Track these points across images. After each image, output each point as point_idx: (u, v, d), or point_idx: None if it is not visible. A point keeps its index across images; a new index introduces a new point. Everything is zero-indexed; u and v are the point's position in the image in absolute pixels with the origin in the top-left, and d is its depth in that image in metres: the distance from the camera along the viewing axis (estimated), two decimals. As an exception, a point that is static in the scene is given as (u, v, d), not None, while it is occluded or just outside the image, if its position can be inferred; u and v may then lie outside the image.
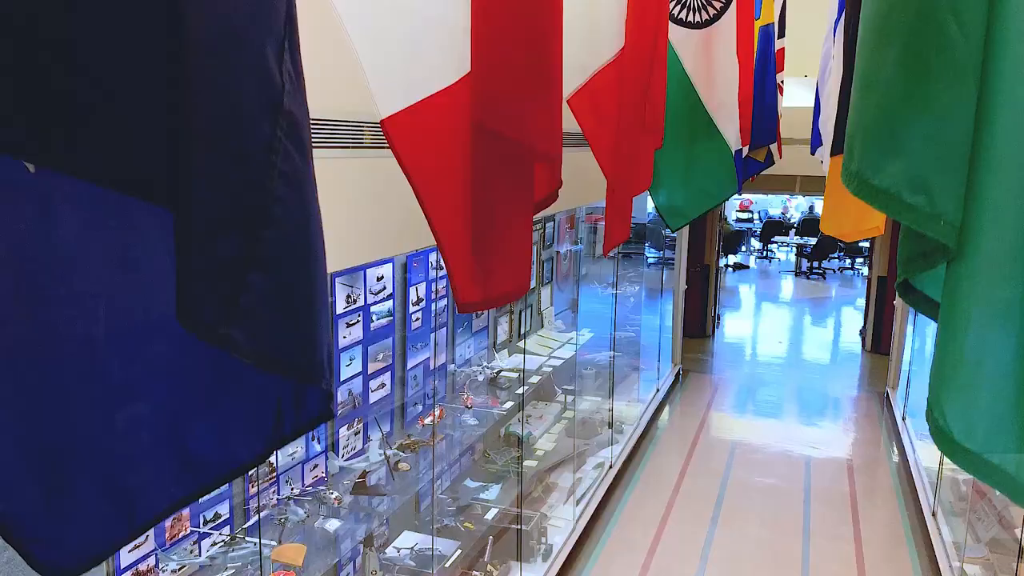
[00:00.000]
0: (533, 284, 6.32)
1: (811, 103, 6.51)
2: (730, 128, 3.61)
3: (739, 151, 5.59)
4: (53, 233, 0.57)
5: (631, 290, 8.36)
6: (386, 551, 4.12)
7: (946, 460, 5.97)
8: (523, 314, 6.17)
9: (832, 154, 2.79)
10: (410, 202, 1.76)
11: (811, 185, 10.49)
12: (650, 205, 10.08)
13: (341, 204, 2.45)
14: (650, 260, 9.76)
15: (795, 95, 8.89)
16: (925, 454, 6.60)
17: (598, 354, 7.32)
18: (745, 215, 20.23)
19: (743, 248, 18.09)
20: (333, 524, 3.25)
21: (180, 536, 2.82)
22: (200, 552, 2.76)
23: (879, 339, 10.61)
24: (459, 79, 1.58)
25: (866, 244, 14.80)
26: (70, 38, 0.52)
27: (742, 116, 5.09)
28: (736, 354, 11.18)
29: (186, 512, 2.86)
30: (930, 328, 7.96)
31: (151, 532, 2.69)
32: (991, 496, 5.44)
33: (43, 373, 0.59)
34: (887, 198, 0.84)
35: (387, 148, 1.84)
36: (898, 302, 8.74)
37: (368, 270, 3.89)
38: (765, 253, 18.73)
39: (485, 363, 5.08)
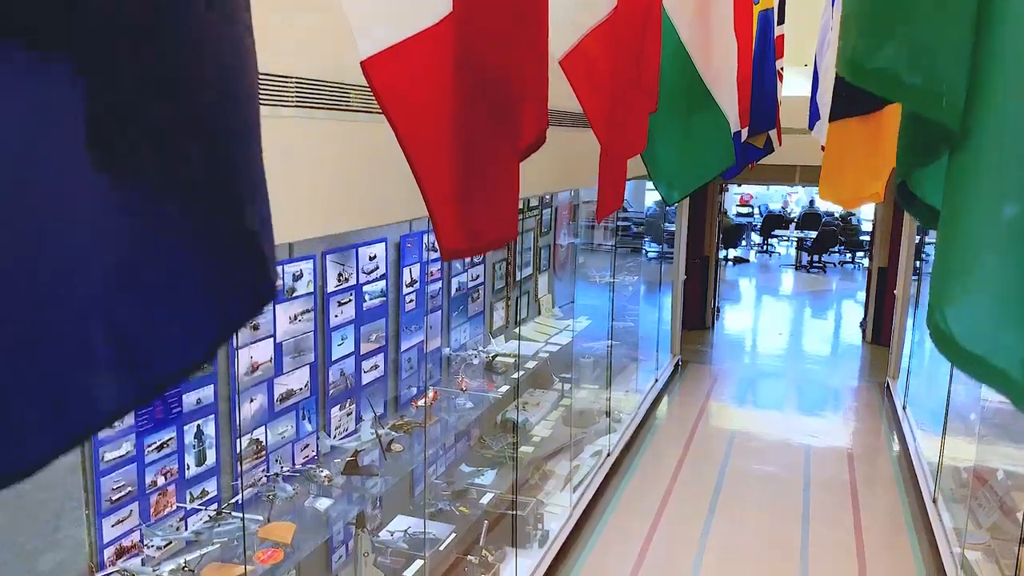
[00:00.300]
0: (530, 272, 6.27)
1: (810, 93, 6.48)
2: (727, 103, 3.55)
3: (738, 133, 5.56)
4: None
5: (629, 280, 8.30)
6: (379, 534, 4.07)
7: (947, 449, 5.91)
8: (519, 301, 6.11)
9: (831, 119, 2.73)
10: (400, 169, 1.70)
11: (811, 175, 10.40)
12: (648, 199, 10.03)
13: (325, 167, 2.39)
14: (650, 255, 9.69)
15: (795, 84, 8.83)
16: (926, 443, 6.54)
17: (596, 343, 7.27)
18: (745, 210, 20.18)
19: (743, 242, 18.02)
20: (324, 503, 3.20)
21: (166, 512, 2.77)
22: (186, 527, 2.71)
23: (879, 331, 10.54)
24: (442, 19, 1.52)
25: (866, 237, 14.73)
26: None
27: (740, 98, 5.04)
28: (736, 346, 11.14)
29: (172, 488, 2.81)
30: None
31: (135, 507, 2.64)
32: (992, 483, 5.38)
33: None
34: (884, 79, 0.79)
35: (375, 112, 1.79)
36: (899, 292, 8.67)
37: (360, 248, 3.83)
38: (765, 247, 18.66)
39: (481, 347, 5.03)
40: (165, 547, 2.62)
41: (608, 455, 6.46)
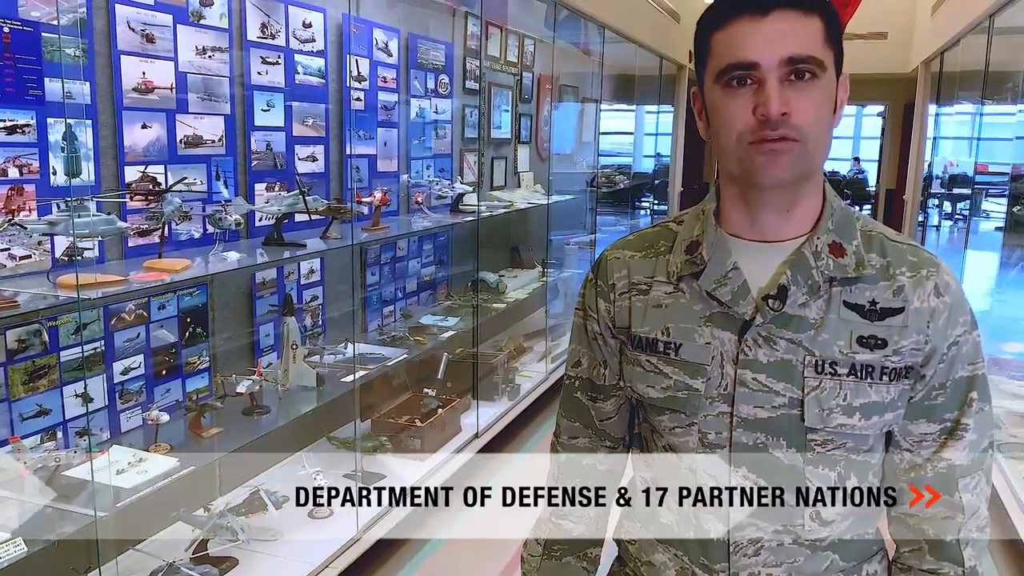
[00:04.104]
0: (508, 136, 5.76)
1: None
2: None
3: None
4: None
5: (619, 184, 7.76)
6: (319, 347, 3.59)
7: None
8: (495, 163, 5.62)
9: None
10: None
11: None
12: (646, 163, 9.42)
13: None
14: (641, 212, 9.00)
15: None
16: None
17: (581, 238, 6.79)
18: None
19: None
20: (232, 256, 2.70)
21: (20, 216, 2.29)
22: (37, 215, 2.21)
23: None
24: None
25: (873, 189, 14.08)
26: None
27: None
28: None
29: (31, 189, 2.33)
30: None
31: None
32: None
33: None
34: None
35: None
36: (908, 197, 8.18)
37: (290, 7, 3.34)
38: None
39: (448, 184, 4.52)
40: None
41: (592, 337, 5.96)
